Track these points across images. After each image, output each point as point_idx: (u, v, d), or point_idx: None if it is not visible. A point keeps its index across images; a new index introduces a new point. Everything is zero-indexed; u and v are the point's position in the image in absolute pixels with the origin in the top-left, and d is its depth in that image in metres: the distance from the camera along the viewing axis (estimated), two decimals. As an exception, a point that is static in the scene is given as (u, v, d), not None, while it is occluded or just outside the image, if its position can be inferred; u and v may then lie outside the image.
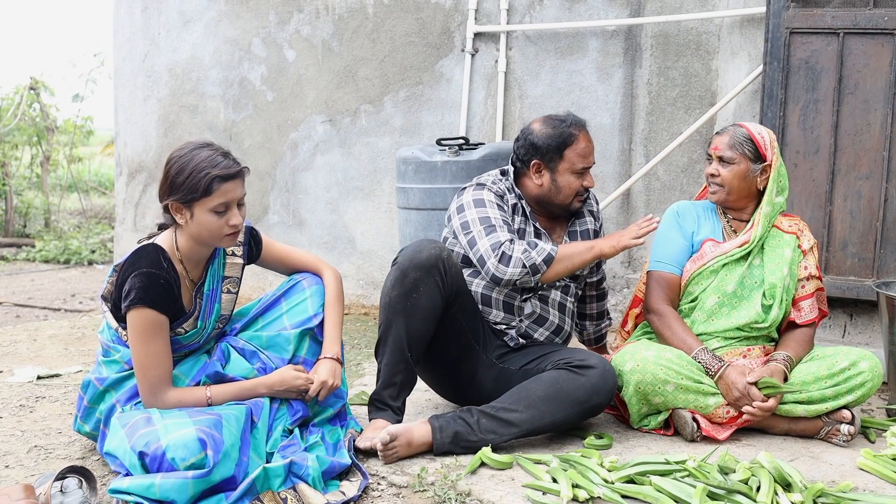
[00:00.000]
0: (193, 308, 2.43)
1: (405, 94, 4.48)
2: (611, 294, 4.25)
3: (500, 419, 2.48)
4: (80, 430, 2.51)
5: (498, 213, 2.70)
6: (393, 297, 2.56)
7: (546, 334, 2.84)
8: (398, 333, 2.56)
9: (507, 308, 2.79)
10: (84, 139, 10.40)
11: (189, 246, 2.38)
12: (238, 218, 2.33)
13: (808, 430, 2.70)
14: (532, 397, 2.50)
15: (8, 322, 4.89)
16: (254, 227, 2.60)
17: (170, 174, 2.29)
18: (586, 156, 2.75)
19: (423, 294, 2.54)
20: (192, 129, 5.00)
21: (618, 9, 4.09)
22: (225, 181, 2.28)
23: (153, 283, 2.29)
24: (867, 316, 3.61)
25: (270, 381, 2.45)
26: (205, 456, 2.05)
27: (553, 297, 2.82)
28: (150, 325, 2.29)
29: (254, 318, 2.61)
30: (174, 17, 5.02)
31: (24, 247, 8.50)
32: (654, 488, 2.24)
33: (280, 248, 2.66)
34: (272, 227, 4.86)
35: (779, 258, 2.80)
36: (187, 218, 2.31)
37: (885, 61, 3.38)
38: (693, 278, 2.82)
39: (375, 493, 2.28)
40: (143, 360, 2.31)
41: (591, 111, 4.17)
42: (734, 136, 2.79)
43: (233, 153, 2.37)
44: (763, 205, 2.80)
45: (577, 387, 2.53)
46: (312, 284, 2.60)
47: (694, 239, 2.88)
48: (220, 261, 2.51)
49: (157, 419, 2.18)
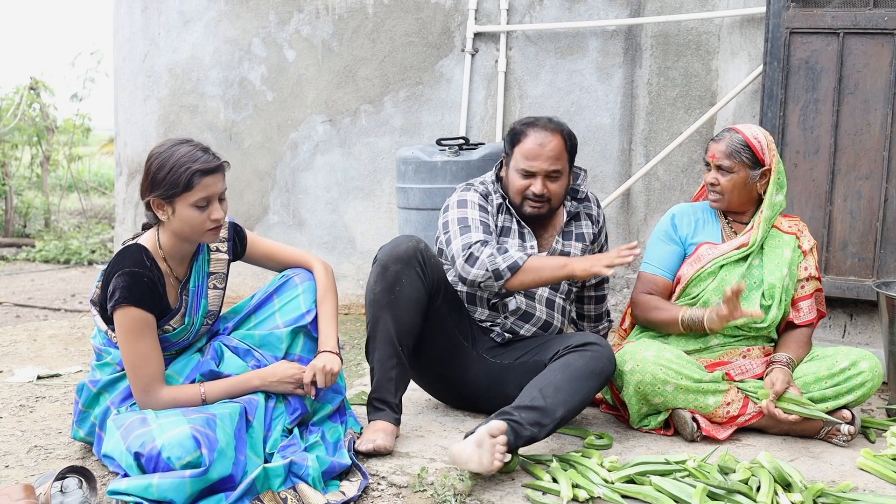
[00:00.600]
0: (179, 305, 2.44)
1: (405, 94, 4.48)
2: (611, 294, 4.25)
3: (538, 408, 2.39)
4: (75, 435, 2.52)
5: (478, 213, 2.71)
6: (377, 292, 2.57)
7: (533, 330, 2.83)
8: (386, 327, 2.57)
9: (492, 306, 2.79)
10: (83, 137, 10.39)
11: (172, 243, 2.39)
12: (219, 212, 2.35)
13: (808, 430, 2.70)
14: (556, 383, 2.46)
15: (8, 322, 4.89)
16: (237, 224, 2.60)
17: (151, 171, 2.31)
18: (530, 158, 2.68)
19: (405, 286, 2.55)
20: (192, 128, 5.00)
21: (618, 9, 4.09)
22: (205, 175, 2.29)
23: (137, 281, 2.30)
24: (867, 316, 3.61)
25: (264, 373, 2.44)
26: (200, 454, 2.05)
27: (540, 294, 2.81)
28: (136, 324, 2.30)
29: (247, 316, 2.60)
30: (174, 17, 5.01)
31: (24, 247, 8.50)
32: (654, 488, 2.24)
33: (266, 244, 2.66)
34: (272, 227, 4.86)
35: (778, 258, 2.80)
36: (169, 214, 2.32)
37: (885, 61, 3.38)
38: (692, 280, 2.82)
39: (375, 493, 2.28)
40: (132, 360, 2.32)
41: (591, 111, 4.17)
42: (731, 143, 2.76)
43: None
44: (763, 208, 2.80)
45: (589, 360, 2.52)
46: (304, 280, 2.59)
47: (689, 242, 2.87)
48: (205, 257, 2.51)
49: (151, 419, 2.19)
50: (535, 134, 2.70)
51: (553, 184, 2.72)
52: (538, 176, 2.69)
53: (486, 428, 2.24)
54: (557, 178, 2.72)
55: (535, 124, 2.72)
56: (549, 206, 2.76)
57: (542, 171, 2.69)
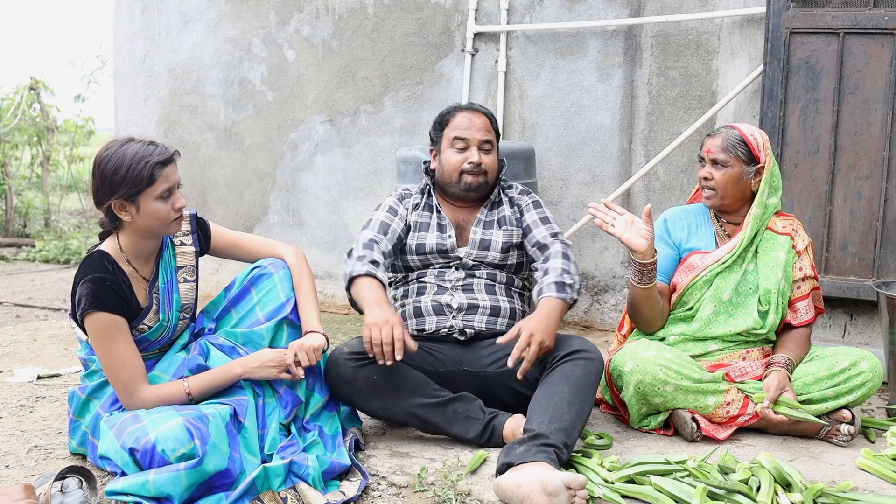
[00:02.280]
0: (150, 303, 2.44)
1: (405, 94, 4.48)
2: (611, 294, 4.26)
3: (563, 428, 2.36)
4: (70, 447, 2.54)
5: (384, 215, 2.88)
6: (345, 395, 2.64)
7: (484, 320, 2.80)
8: (372, 410, 2.64)
9: (438, 310, 2.80)
10: (85, 139, 10.40)
11: (134, 243, 2.40)
12: (182, 200, 2.37)
13: (808, 430, 2.70)
14: (566, 397, 2.44)
15: (8, 322, 4.89)
16: (199, 216, 2.62)
17: (105, 174, 2.30)
18: (464, 128, 2.85)
19: (360, 397, 2.61)
20: (192, 128, 5.00)
21: (618, 9, 4.09)
22: (165, 166, 2.32)
23: (100, 286, 2.31)
24: (867, 316, 3.61)
25: (245, 360, 2.44)
26: (194, 446, 2.06)
27: (478, 283, 2.84)
28: (106, 328, 2.31)
29: (227, 311, 2.60)
30: (174, 17, 5.01)
31: (24, 247, 8.50)
32: (654, 488, 2.24)
33: (232, 235, 2.67)
34: (272, 227, 4.86)
35: (773, 262, 2.79)
36: (133, 213, 2.33)
37: (885, 61, 3.38)
38: (687, 289, 2.81)
39: (375, 493, 2.28)
40: (109, 364, 2.32)
41: (591, 111, 4.17)
42: (727, 138, 2.77)
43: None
44: (754, 206, 2.78)
45: (585, 368, 2.52)
46: (279, 269, 2.58)
47: (684, 247, 2.87)
48: (170, 252, 2.52)
49: (143, 415, 2.20)
50: (462, 113, 2.89)
51: (487, 156, 2.86)
52: (472, 146, 2.84)
53: (565, 479, 2.09)
54: (490, 151, 2.87)
55: (459, 107, 2.93)
56: (486, 181, 2.87)
57: (476, 140, 2.84)
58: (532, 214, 2.92)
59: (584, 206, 4.21)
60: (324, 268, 4.71)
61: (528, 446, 2.28)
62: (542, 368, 2.58)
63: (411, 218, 2.91)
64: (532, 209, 2.93)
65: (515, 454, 2.25)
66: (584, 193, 4.21)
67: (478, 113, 2.89)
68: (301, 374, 2.46)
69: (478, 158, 2.83)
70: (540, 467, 2.17)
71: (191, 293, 2.55)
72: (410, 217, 2.91)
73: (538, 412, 2.41)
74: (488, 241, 2.87)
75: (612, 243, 4.23)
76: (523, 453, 2.24)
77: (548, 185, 4.25)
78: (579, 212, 4.22)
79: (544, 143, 4.23)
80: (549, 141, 4.23)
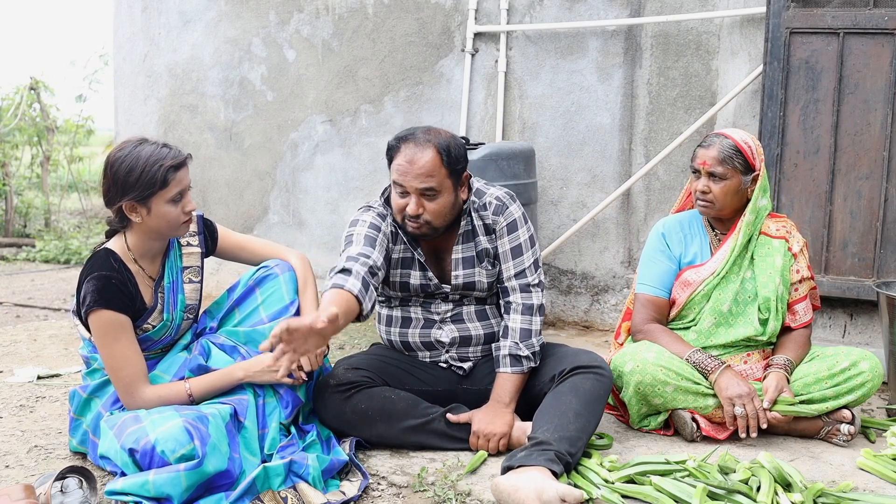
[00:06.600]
0: (155, 303, 2.45)
1: (405, 94, 4.48)
2: (611, 293, 4.26)
3: (567, 437, 2.34)
4: (70, 446, 2.54)
5: (366, 229, 2.55)
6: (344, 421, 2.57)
7: (479, 349, 2.75)
8: (370, 436, 2.58)
9: (428, 346, 2.74)
10: (84, 139, 10.40)
11: (142, 242, 2.41)
12: (192, 204, 2.38)
13: (809, 430, 2.70)
14: (574, 408, 2.42)
15: (8, 322, 4.88)
16: (206, 217, 2.62)
17: (118, 176, 2.30)
18: (401, 174, 2.49)
19: (360, 422, 2.54)
20: (192, 128, 5.00)
21: (618, 9, 4.09)
22: (178, 170, 2.32)
23: (106, 284, 2.31)
24: (867, 316, 3.61)
25: (247, 364, 2.44)
26: (194, 447, 2.06)
27: (467, 312, 2.73)
28: (110, 326, 2.31)
29: (230, 311, 2.60)
30: (174, 17, 5.01)
31: (24, 247, 8.49)
32: (654, 488, 2.24)
33: (238, 237, 2.68)
34: (272, 227, 4.86)
35: (770, 268, 2.78)
36: (143, 215, 2.33)
37: (885, 61, 3.38)
38: (686, 305, 2.81)
39: (375, 493, 2.28)
40: (112, 363, 2.33)
41: (591, 111, 4.17)
42: (722, 149, 2.72)
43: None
44: (746, 212, 2.77)
45: (596, 383, 2.51)
46: (284, 271, 2.59)
47: (683, 260, 2.85)
48: (176, 252, 2.53)
49: (144, 416, 2.21)
50: (406, 149, 2.49)
51: (430, 203, 2.50)
52: (411, 194, 2.50)
53: (561, 491, 2.09)
54: (434, 197, 2.50)
55: (407, 139, 2.51)
56: (432, 227, 2.55)
57: (413, 189, 2.48)
58: (504, 243, 2.65)
59: (584, 206, 4.21)
60: (324, 268, 4.70)
61: (529, 451, 2.28)
62: (550, 381, 2.57)
63: (392, 249, 2.66)
64: (505, 235, 2.65)
65: (516, 458, 2.26)
66: (585, 193, 4.21)
67: (423, 147, 2.48)
68: (303, 379, 2.47)
69: (415, 209, 2.49)
70: (539, 473, 2.16)
71: (195, 294, 2.55)
72: (391, 247, 2.66)
73: (544, 421, 2.39)
74: (472, 282, 2.69)
75: (612, 243, 4.23)
76: (524, 458, 2.25)
77: (548, 185, 4.25)
78: (579, 212, 4.22)
79: (544, 143, 4.23)
80: (549, 141, 4.23)
